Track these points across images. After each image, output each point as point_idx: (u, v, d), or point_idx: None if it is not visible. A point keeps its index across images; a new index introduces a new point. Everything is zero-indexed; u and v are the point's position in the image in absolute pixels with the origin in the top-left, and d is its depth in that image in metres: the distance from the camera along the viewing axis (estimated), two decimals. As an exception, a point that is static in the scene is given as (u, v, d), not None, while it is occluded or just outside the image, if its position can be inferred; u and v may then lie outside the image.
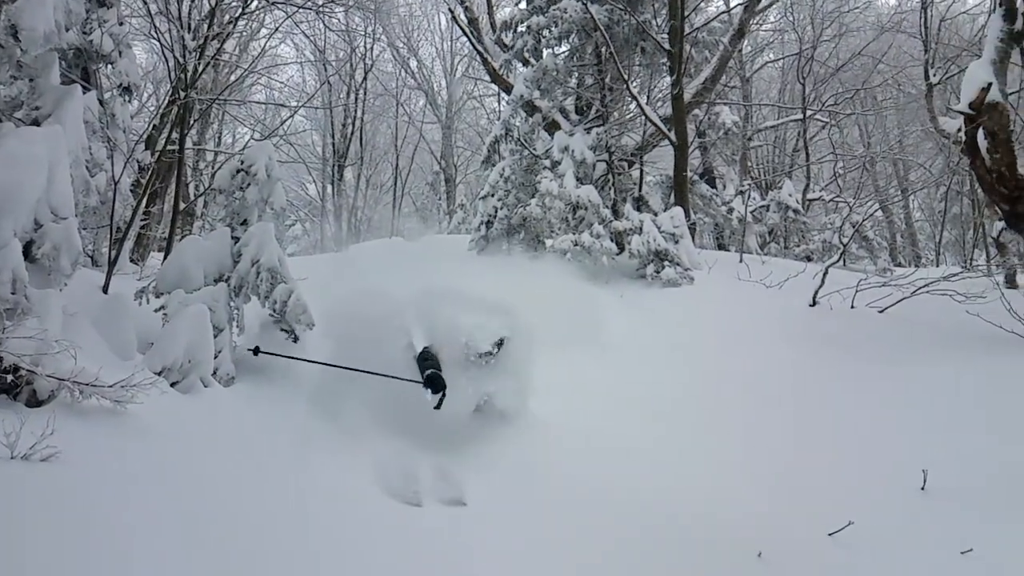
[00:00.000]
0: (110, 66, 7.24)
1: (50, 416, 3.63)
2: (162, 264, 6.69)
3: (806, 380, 6.98)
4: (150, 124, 11.01)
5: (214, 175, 6.99)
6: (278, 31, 17.78)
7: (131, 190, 8.21)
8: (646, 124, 13.37)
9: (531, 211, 11.51)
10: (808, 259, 15.29)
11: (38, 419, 3.63)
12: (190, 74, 9.24)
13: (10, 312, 4.22)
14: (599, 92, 13.19)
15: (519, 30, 13.67)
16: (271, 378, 5.81)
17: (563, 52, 13.55)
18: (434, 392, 5.24)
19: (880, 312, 8.66)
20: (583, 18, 12.67)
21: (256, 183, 6.28)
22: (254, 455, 4.67)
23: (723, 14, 16.98)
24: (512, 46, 13.91)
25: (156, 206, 11.73)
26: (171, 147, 9.89)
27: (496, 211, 12.22)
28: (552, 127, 13.38)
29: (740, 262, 11.72)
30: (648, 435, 5.82)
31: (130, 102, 7.95)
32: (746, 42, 20.07)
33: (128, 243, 8.90)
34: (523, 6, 13.78)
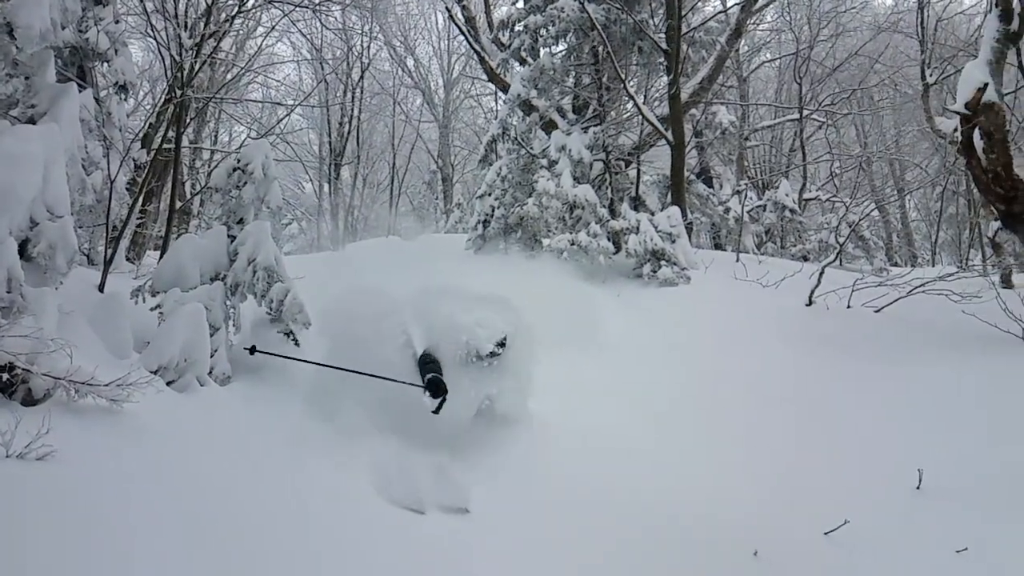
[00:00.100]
0: (106, 64, 7.23)
1: (46, 415, 3.62)
2: (158, 263, 6.68)
3: (803, 380, 6.99)
4: (146, 122, 11.00)
5: (210, 174, 6.98)
6: (275, 29, 17.77)
7: (127, 188, 8.20)
8: (643, 123, 13.38)
9: (528, 210, 11.51)
10: (804, 259, 15.33)
11: (34, 418, 3.62)
12: (186, 72, 9.22)
13: (5, 311, 4.21)
14: (596, 91, 13.20)
15: (516, 29, 13.67)
16: (267, 377, 5.78)
17: (560, 51, 13.56)
18: (434, 397, 5.16)
19: (876, 312, 8.67)
20: (580, 17, 12.67)
21: (252, 182, 6.26)
22: (251, 455, 4.66)
23: (720, 14, 16.99)
24: (509, 45, 13.91)
25: (152, 205, 11.71)
26: (167, 145, 9.87)
27: (493, 210, 12.22)
28: (549, 126, 13.39)
29: (737, 262, 11.73)
30: (647, 435, 5.81)
31: (126, 100, 7.94)
32: (743, 42, 20.08)
33: (124, 242, 8.87)
34: (520, 5, 13.78)
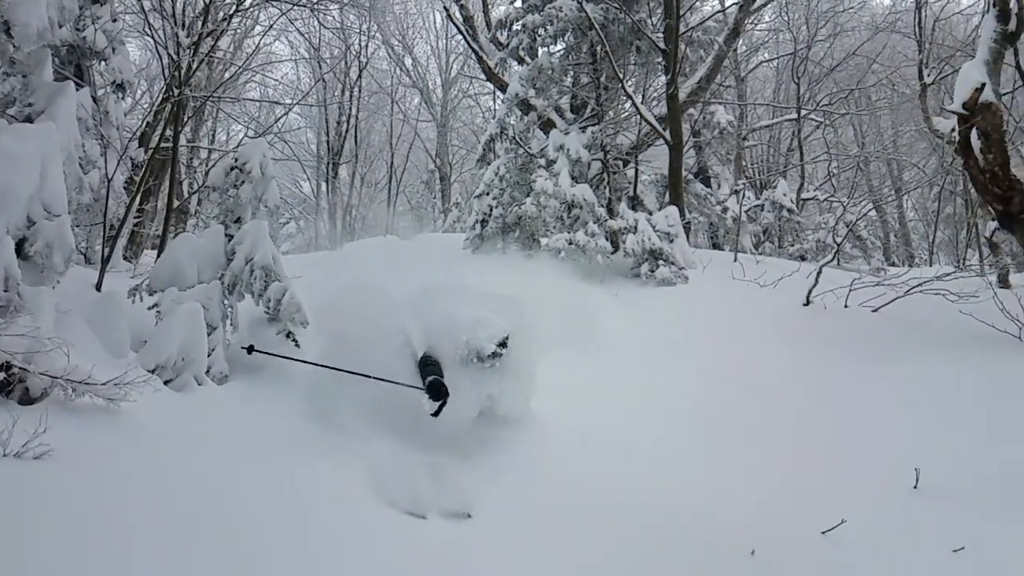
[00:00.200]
0: (103, 63, 7.22)
1: (43, 414, 3.62)
2: (156, 262, 6.67)
3: (801, 379, 6.99)
4: (144, 121, 10.98)
5: (208, 173, 6.98)
6: (272, 28, 17.74)
7: (124, 187, 8.18)
8: (641, 123, 13.38)
9: (526, 210, 11.50)
10: (802, 258, 15.35)
11: (31, 417, 3.62)
12: (184, 71, 9.20)
13: (2, 309, 4.21)
14: (594, 91, 13.19)
15: (514, 28, 13.66)
16: (265, 377, 5.77)
17: (558, 51, 13.55)
18: (435, 400, 5.07)
19: (874, 311, 8.68)
20: (578, 17, 12.67)
21: (250, 181, 6.26)
22: (249, 454, 4.65)
23: (718, 13, 16.99)
24: (507, 44, 13.91)
25: (150, 203, 11.70)
26: (165, 144, 9.86)
27: (491, 210, 12.21)
28: (547, 126, 13.39)
29: (734, 261, 11.74)
30: (646, 434, 5.79)
31: (124, 99, 7.92)
32: (741, 41, 20.10)
33: (121, 241, 8.87)
34: (518, 4, 13.77)
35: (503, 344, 5.45)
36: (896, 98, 21.05)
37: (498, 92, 18.86)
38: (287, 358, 5.64)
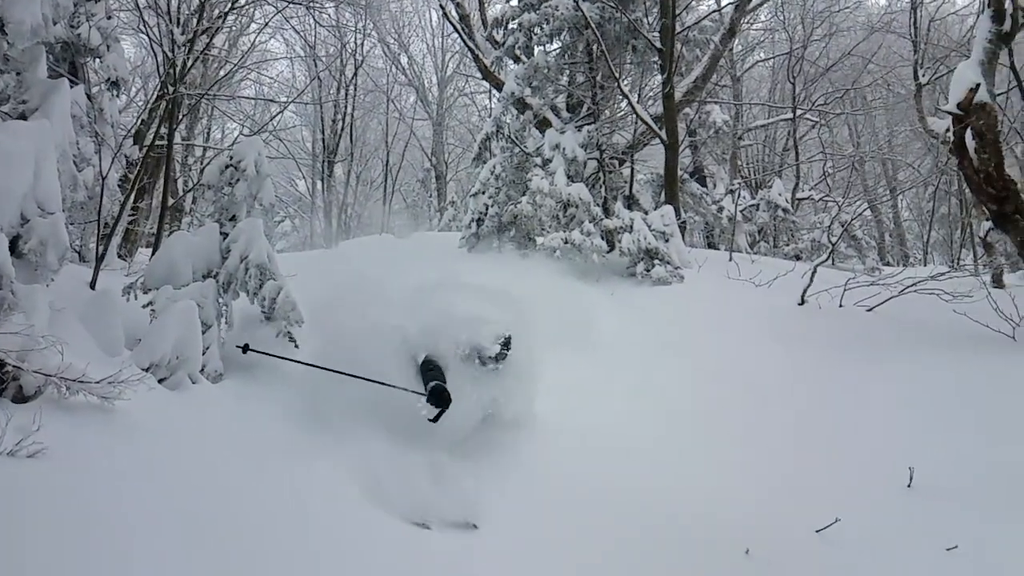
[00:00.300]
0: (98, 60, 7.20)
1: (37, 412, 3.61)
2: (150, 260, 6.65)
3: (796, 378, 7.00)
4: (138, 119, 10.94)
5: (203, 171, 6.96)
6: (268, 26, 17.73)
7: (119, 185, 8.16)
8: (637, 122, 13.38)
9: (522, 208, 11.50)
10: (797, 258, 15.38)
11: (24, 415, 3.60)
12: (179, 69, 9.17)
13: (-4, 308, 4.19)
14: (590, 90, 13.19)
15: (510, 27, 13.64)
16: (259, 375, 5.74)
17: (554, 50, 13.53)
18: (436, 406, 4.95)
19: (868, 311, 8.70)
20: (574, 16, 12.66)
21: (245, 179, 6.24)
22: (246, 453, 4.63)
23: (714, 13, 17.00)
24: (503, 43, 13.88)
25: (144, 201, 11.66)
26: (159, 142, 9.83)
27: (487, 208, 12.21)
28: (543, 125, 13.38)
29: (730, 261, 11.76)
30: (644, 434, 5.77)
31: (118, 97, 7.91)
32: (737, 41, 20.12)
33: (116, 239, 8.84)
34: (514, 3, 13.74)
35: (507, 345, 5.32)
36: (891, 98, 21.11)
37: (494, 91, 18.85)
38: (282, 358, 5.59)
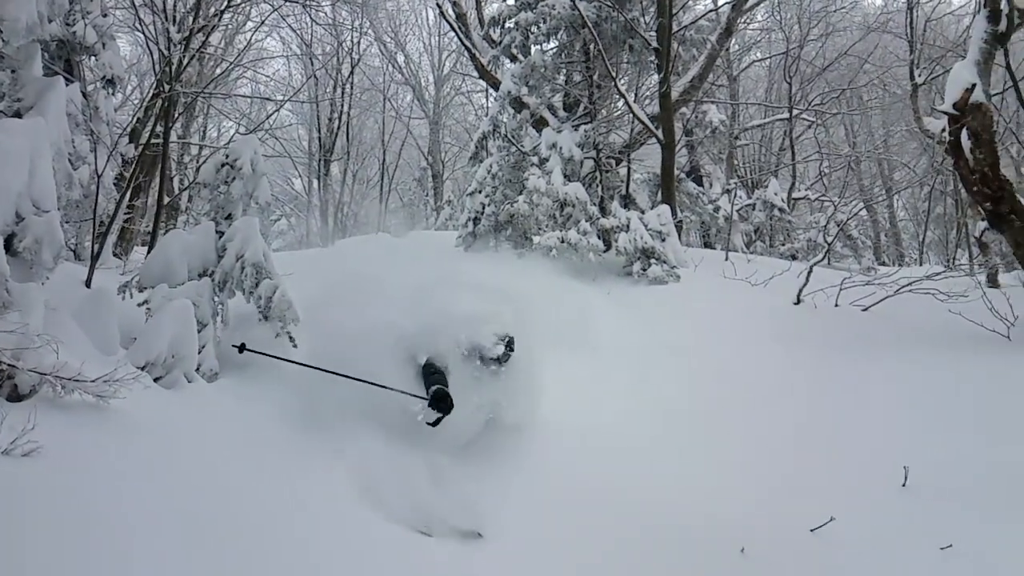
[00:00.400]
0: (93, 58, 7.18)
1: (31, 411, 3.59)
2: (146, 258, 6.64)
3: (792, 377, 7.01)
4: (134, 117, 10.93)
5: (199, 169, 6.96)
6: (264, 24, 17.68)
7: (114, 183, 8.15)
8: (634, 122, 13.39)
9: (519, 208, 11.50)
10: (793, 257, 15.41)
11: (19, 414, 3.59)
12: (175, 67, 9.15)
13: (-9, 306, 4.17)
14: (587, 89, 13.19)
15: (507, 26, 13.64)
16: (255, 374, 5.71)
17: (551, 49, 13.54)
18: (438, 411, 4.88)
19: (864, 310, 8.71)
20: (571, 15, 12.67)
21: (241, 177, 6.23)
22: (243, 453, 4.60)
23: (711, 12, 17.03)
24: (500, 42, 13.88)
25: (140, 200, 11.64)
26: (155, 140, 9.81)
27: (484, 207, 12.21)
28: (540, 124, 13.39)
29: (726, 260, 11.77)
30: (642, 433, 5.77)
31: (114, 95, 7.89)
32: (733, 41, 20.14)
33: (111, 237, 8.82)
34: (511, 2, 13.74)
35: (510, 346, 5.24)
36: (887, 98, 21.18)
37: (491, 90, 18.86)
38: (278, 358, 5.52)
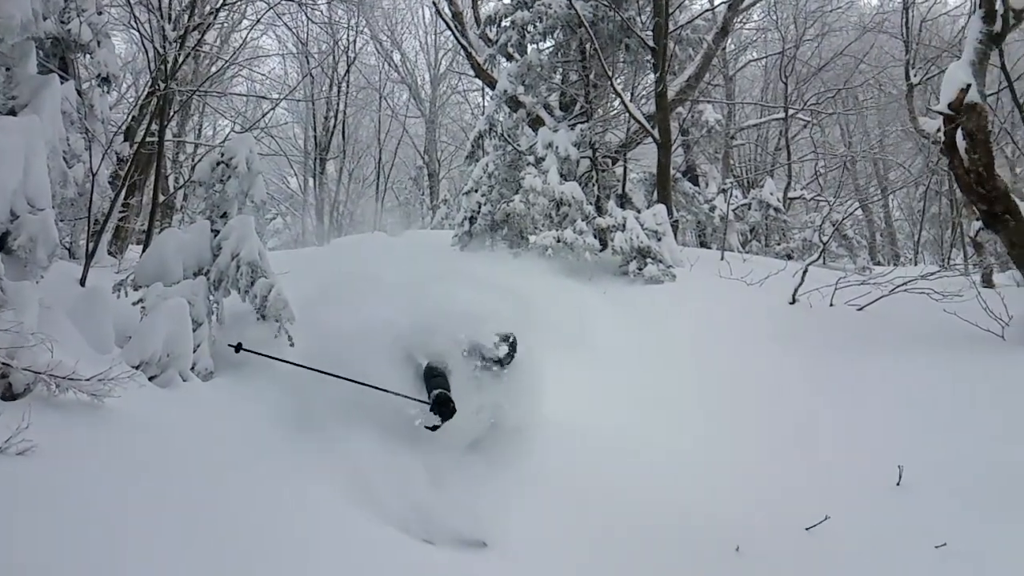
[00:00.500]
0: (88, 56, 7.14)
1: (26, 410, 3.58)
2: (141, 257, 6.62)
3: (788, 377, 7.02)
4: (129, 115, 10.89)
5: (194, 167, 6.94)
6: (260, 22, 17.64)
7: (109, 182, 8.12)
8: (630, 121, 13.40)
9: (515, 207, 11.49)
10: (789, 257, 15.44)
11: (13, 413, 3.58)
12: (170, 65, 9.13)
13: (-15, 304, 4.16)
14: (583, 88, 13.20)
15: (503, 25, 13.64)
16: (250, 373, 5.68)
17: (548, 48, 13.55)
18: (440, 416, 4.81)
19: (859, 310, 8.73)
20: (568, 14, 12.67)
21: (236, 176, 6.22)
22: (239, 452, 4.58)
23: (707, 12, 17.05)
24: (496, 41, 13.88)
25: (135, 198, 11.58)
26: (150, 139, 9.78)
27: (480, 207, 12.21)
28: (536, 123, 13.38)
29: (721, 260, 11.78)
30: (639, 434, 5.75)
31: (109, 93, 7.86)
32: (729, 40, 20.17)
33: (106, 235, 8.78)
34: (507, 0, 13.75)
35: (513, 347, 5.14)
36: (883, 98, 21.20)
37: (487, 89, 18.85)
38: (274, 358, 5.44)
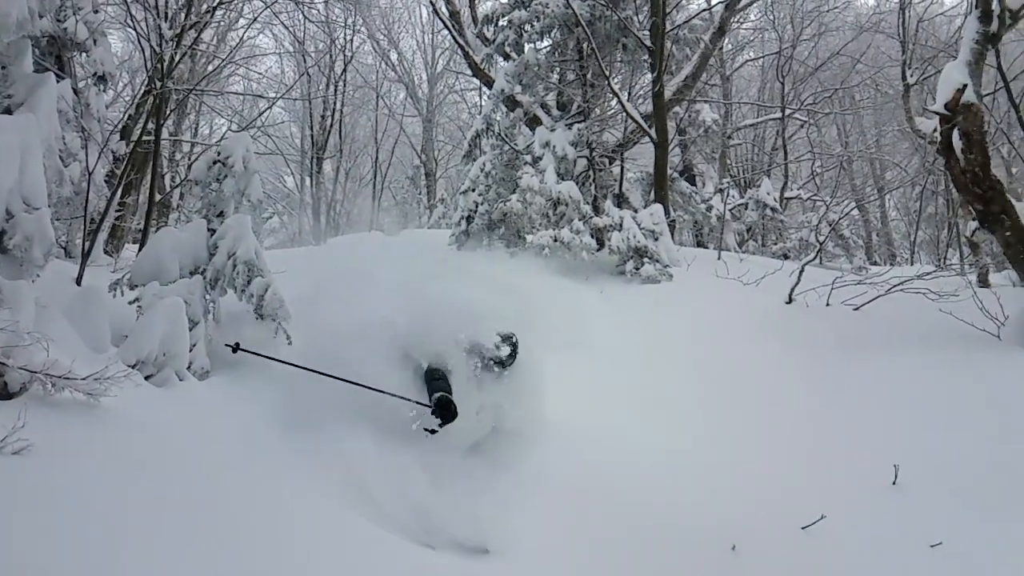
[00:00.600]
0: (85, 54, 7.13)
1: (21, 409, 3.57)
2: (137, 256, 6.61)
3: (784, 376, 7.03)
4: (125, 114, 10.86)
5: (190, 166, 6.93)
6: (257, 21, 17.59)
7: (106, 181, 8.12)
8: (627, 121, 13.40)
9: (512, 206, 11.49)
10: (785, 257, 15.44)
11: (9, 412, 3.57)
12: (166, 64, 9.11)
13: (-20, 303, 4.15)
14: (580, 88, 13.19)
15: (501, 24, 13.63)
16: (245, 372, 5.68)
17: (545, 47, 13.53)
18: (441, 419, 4.77)
19: (855, 310, 8.74)
20: (565, 13, 12.66)
21: (233, 175, 6.21)
22: (235, 452, 4.57)
23: (704, 12, 17.04)
24: (494, 40, 13.87)
25: (131, 197, 11.57)
26: (147, 137, 9.76)
27: (477, 206, 12.20)
28: (533, 122, 13.37)
29: (718, 259, 11.80)
30: (637, 434, 5.77)
31: (105, 91, 7.85)
32: (727, 40, 20.18)
33: (102, 234, 8.78)
34: (505, 0, 13.75)
35: (515, 347, 5.11)
36: (879, 98, 21.25)
37: (484, 88, 18.82)
38: (271, 358, 5.41)
